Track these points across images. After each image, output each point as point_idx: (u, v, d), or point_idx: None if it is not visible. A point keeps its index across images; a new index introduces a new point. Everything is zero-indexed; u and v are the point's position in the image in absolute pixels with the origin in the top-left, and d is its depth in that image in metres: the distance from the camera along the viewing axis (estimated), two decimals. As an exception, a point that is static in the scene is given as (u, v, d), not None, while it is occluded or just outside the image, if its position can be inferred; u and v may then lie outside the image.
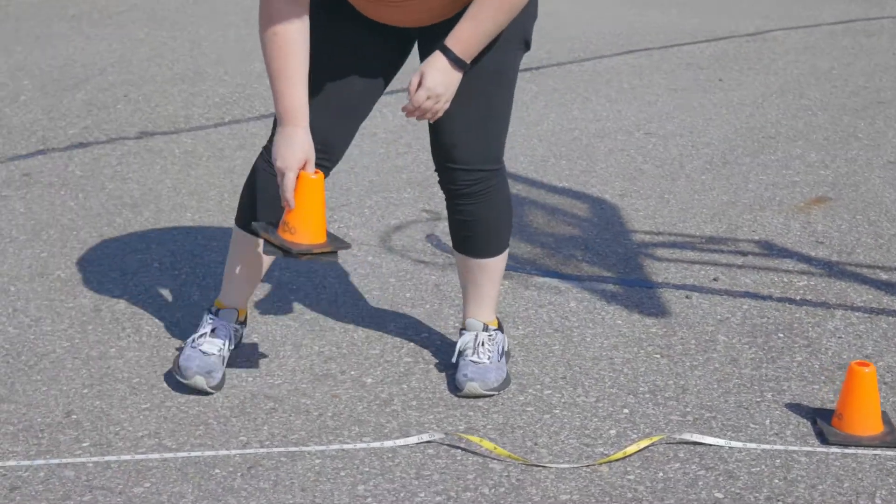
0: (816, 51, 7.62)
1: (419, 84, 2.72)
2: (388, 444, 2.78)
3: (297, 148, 2.69)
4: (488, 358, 3.03)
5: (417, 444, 2.78)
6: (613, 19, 8.68)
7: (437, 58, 2.73)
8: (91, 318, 3.46)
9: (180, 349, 3.12)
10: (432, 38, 2.82)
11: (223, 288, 3.14)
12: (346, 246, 2.78)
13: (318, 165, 2.78)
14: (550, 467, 2.69)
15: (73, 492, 2.59)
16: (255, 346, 3.28)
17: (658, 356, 3.24)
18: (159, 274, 3.81)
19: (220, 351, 3.06)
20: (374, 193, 4.60)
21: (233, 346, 3.14)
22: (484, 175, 2.95)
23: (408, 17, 2.81)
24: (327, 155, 2.88)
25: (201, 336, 3.07)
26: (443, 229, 4.20)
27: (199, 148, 5.20)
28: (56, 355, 3.23)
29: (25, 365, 3.17)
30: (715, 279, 3.77)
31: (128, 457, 2.73)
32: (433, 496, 2.58)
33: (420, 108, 2.73)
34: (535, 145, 5.35)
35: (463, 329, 3.13)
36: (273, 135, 2.76)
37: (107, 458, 2.73)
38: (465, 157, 2.92)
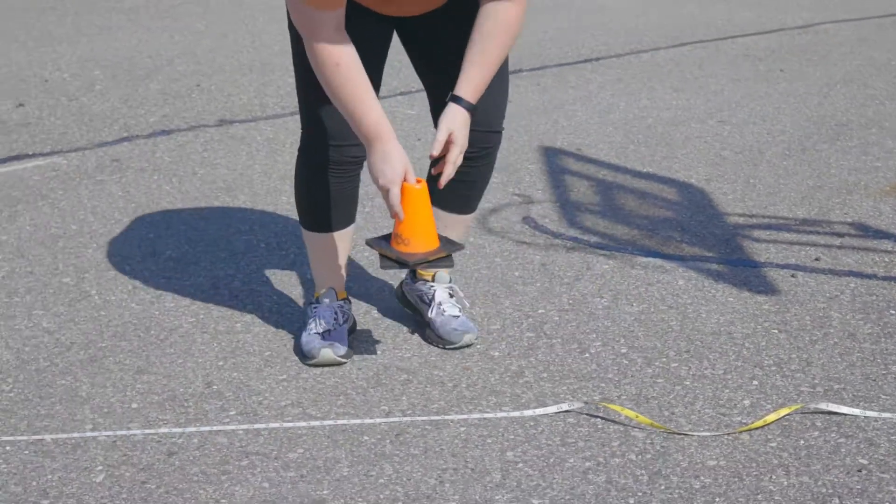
0: (870, 43, 7.66)
1: (449, 141, 2.80)
2: (529, 412, 2.84)
3: (395, 163, 2.75)
4: (460, 309, 3.19)
5: (557, 413, 2.83)
6: (663, 13, 8.74)
7: (458, 112, 2.82)
8: (210, 296, 3.52)
9: (299, 339, 3.15)
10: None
11: (315, 281, 3.19)
12: (460, 248, 2.88)
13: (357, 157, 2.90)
14: (692, 435, 2.74)
15: (230, 457, 2.65)
16: (378, 322, 3.33)
17: (776, 331, 3.29)
18: (268, 254, 3.86)
19: (334, 325, 3.11)
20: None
21: (345, 321, 3.17)
22: (498, 136, 3.10)
23: (412, 8, 2.89)
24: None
25: (311, 322, 3.12)
26: (537, 212, 4.25)
27: (280, 135, 5.26)
28: (184, 330, 3.29)
29: (156, 339, 3.23)
30: (817, 259, 3.82)
31: (276, 424, 2.79)
32: (582, 462, 2.63)
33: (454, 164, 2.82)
34: (611, 132, 5.40)
35: (430, 282, 3.22)
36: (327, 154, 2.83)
37: (256, 426, 2.78)
38: (488, 120, 3.02)
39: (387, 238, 2.87)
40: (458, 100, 2.83)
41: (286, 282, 3.63)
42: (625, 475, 2.58)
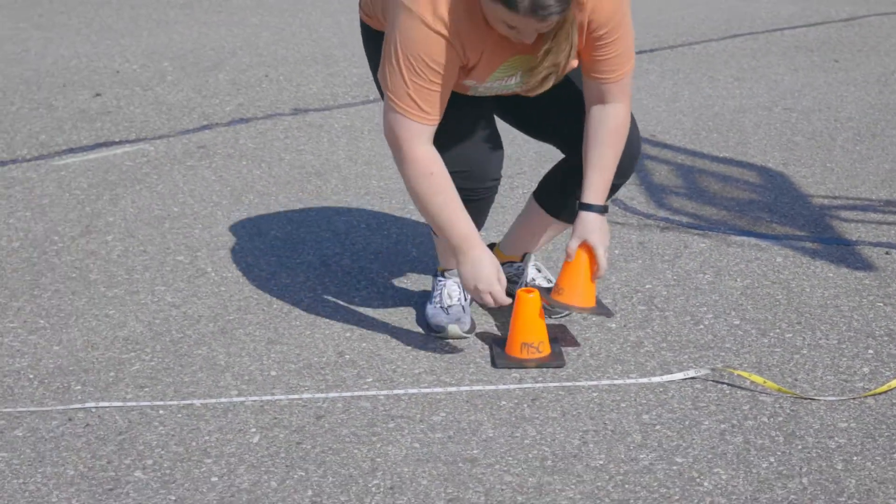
0: (918, 34, 7.74)
1: (588, 247, 2.97)
2: (656, 379, 2.93)
3: (489, 267, 2.87)
4: (549, 282, 3.31)
5: (684, 379, 2.93)
6: (709, 6, 8.82)
7: (592, 219, 2.97)
8: (323, 273, 3.62)
9: (425, 311, 3.24)
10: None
11: (440, 258, 3.28)
12: (609, 314, 3.10)
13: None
14: (819, 399, 2.83)
15: (376, 420, 2.75)
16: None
17: (881, 304, 3.38)
18: (370, 233, 3.96)
19: (459, 300, 3.20)
20: (545, 162, 4.73)
21: (469, 297, 3.27)
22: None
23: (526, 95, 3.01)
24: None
25: (437, 296, 3.22)
26: (623, 194, 4.34)
27: (356, 123, 5.36)
28: (305, 304, 3.38)
29: (280, 312, 3.33)
30: (907, 237, 3.91)
31: (414, 390, 2.88)
32: (717, 424, 2.72)
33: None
34: (681, 120, 5.49)
35: (518, 262, 3.36)
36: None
37: (395, 391, 2.88)
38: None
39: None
40: (588, 207, 2.98)
41: (393, 260, 3.73)
42: (760, 436, 2.67)
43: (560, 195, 3.13)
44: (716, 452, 2.60)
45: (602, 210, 2.99)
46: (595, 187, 2.98)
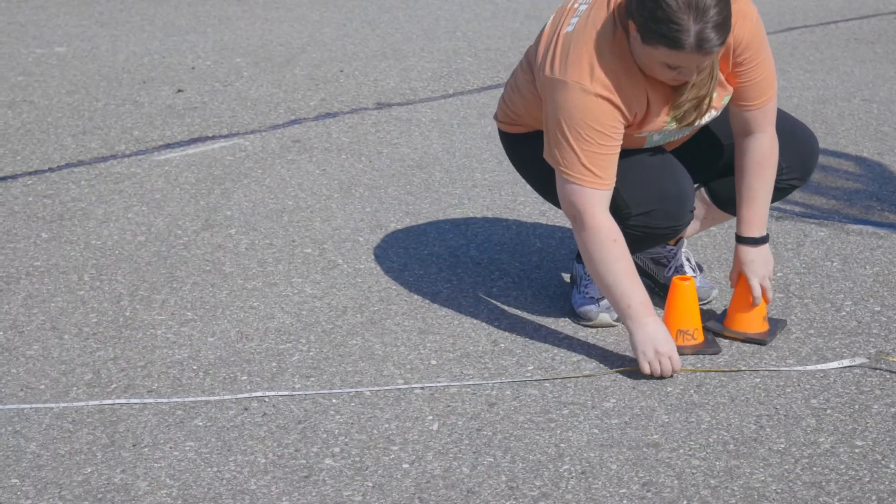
0: (974, 25, 7.77)
1: (753, 283, 3.07)
2: (810, 367, 2.96)
3: (666, 332, 2.89)
4: (694, 270, 3.40)
5: (839, 368, 2.96)
6: (757, 1, 8.83)
7: (745, 252, 3.06)
8: (454, 264, 3.65)
9: (572, 300, 3.28)
10: None
11: None
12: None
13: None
14: (981, 383, 2.86)
15: (549, 406, 2.78)
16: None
17: None
18: (489, 225, 3.99)
19: None
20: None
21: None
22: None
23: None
24: None
25: (584, 286, 3.25)
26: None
27: (443, 117, 5.39)
28: (446, 294, 3.42)
29: (423, 303, 3.36)
30: None
31: (578, 377, 2.92)
32: (886, 407, 2.76)
33: (769, 290, 3.09)
34: (764, 111, 5.51)
35: (671, 246, 3.39)
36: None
37: (559, 378, 2.91)
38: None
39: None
40: (742, 240, 3.06)
41: (519, 251, 3.76)
42: (933, 419, 2.70)
43: (728, 186, 3.14)
44: (893, 435, 2.63)
45: (756, 242, 3.04)
46: (747, 220, 3.05)
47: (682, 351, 2.99)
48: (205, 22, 7.55)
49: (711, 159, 3.16)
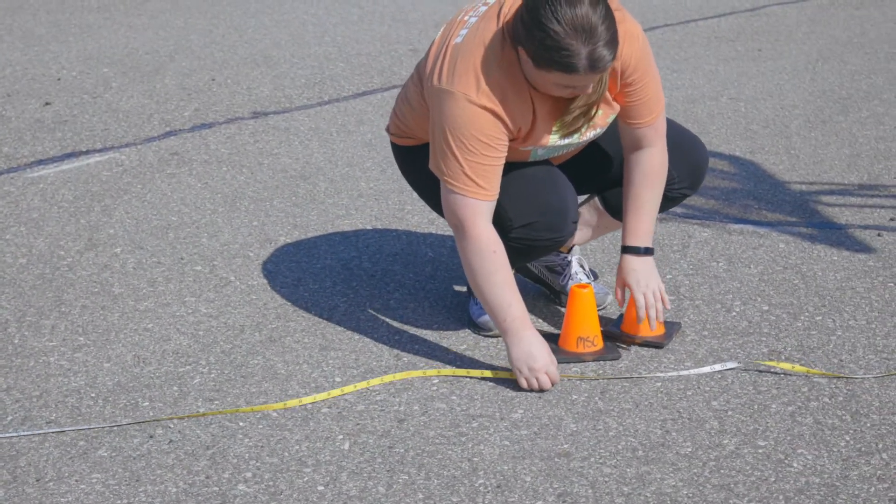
0: (823, 23, 8.04)
1: (637, 294, 3.08)
2: (706, 369, 3.03)
3: (545, 347, 2.91)
4: (588, 277, 3.44)
5: (724, 370, 3.04)
6: (623, -2, 9.00)
7: (630, 261, 3.10)
8: (348, 277, 3.64)
9: (469, 311, 3.29)
10: None
11: None
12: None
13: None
14: (868, 377, 2.97)
15: (458, 420, 2.79)
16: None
17: (892, 284, 3.55)
18: (379, 236, 3.99)
19: None
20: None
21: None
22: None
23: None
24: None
25: None
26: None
27: (321, 125, 5.36)
28: (343, 309, 3.40)
29: (322, 318, 3.34)
30: (892, 219, 4.10)
31: (486, 389, 2.93)
32: (784, 406, 2.84)
33: (652, 307, 3.07)
34: (636, 112, 5.62)
35: (564, 253, 3.43)
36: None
37: (466, 390, 2.92)
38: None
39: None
40: (626, 249, 3.09)
41: (412, 261, 3.76)
42: (829, 416, 2.79)
43: (620, 195, 3.18)
44: (793, 434, 2.71)
45: (640, 252, 3.08)
46: (632, 231, 3.09)
47: (582, 358, 3.03)
48: (66, 31, 7.36)
49: (603, 169, 3.21)
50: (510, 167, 2.94)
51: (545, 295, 3.47)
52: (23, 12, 7.92)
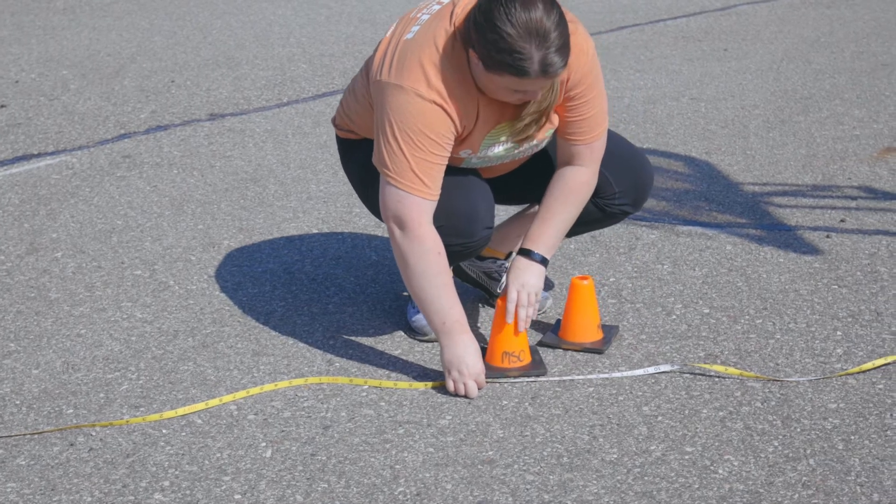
0: (792, 22, 8.03)
1: (510, 290, 3.00)
2: (651, 370, 3.00)
3: (478, 354, 2.89)
4: None
5: (669, 371, 3.01)
6: (593, -2, 8.97)
7: (517, 261, 3.02)
8: (288, 280, 3.60)
9: (406, 315, 3.26)
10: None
11: None
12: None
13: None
14: (803, 381, 2.94)
15: (384, 427, 2.75)
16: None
17: (836, 287, 3.52)
18: (324, 239, 3.95)
19: None
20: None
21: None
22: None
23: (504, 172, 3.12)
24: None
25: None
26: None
27: (277, 127, 5.32)
28: (280, 314, 3.37)
29: (257, 323, 3.31)
30: (842, 220, 4.07)
31: (414, 395, 2.90)
32: (715, 411, 2.81)
33: (523, 307, 2.98)
34: (596, 113, 5.59)
35: (501, 259, 3.40)
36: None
37: (394, 397, 2.89)
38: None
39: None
40: (523, 252, 3.01)
41: (355, 264, 3.73)
42: (759, 421, 2.76)
43: None
44: (721, 440, 2.68)
45: (531, 255, 3.00)
46: (532, 236, 3.02)
47: (507, 373, 2.99)
48: (29, 33, 7.32)
49: (543, 180, 3.17)
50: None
51: (484, 299, 3.44)
52: (2, 16, 7.88)
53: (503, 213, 3.83)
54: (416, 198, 2.78)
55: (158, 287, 3.55)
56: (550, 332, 3.19)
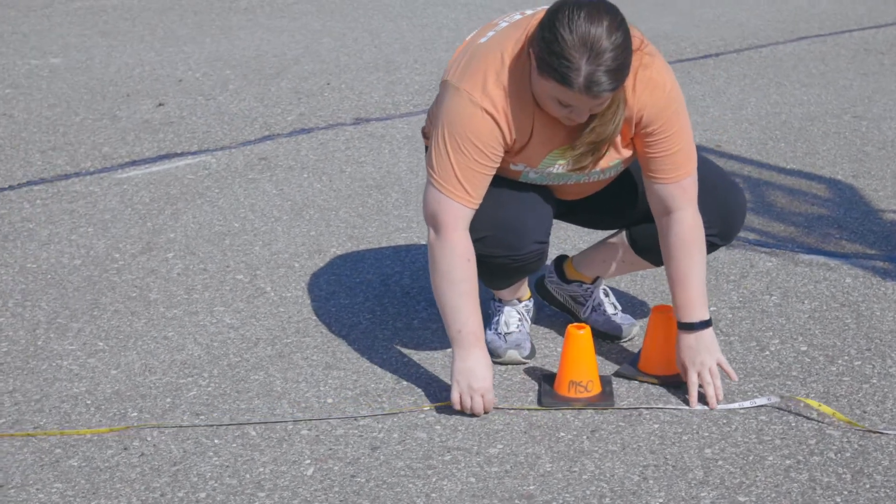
0: None
1: (689, 373, 2.89)
2: (722, 406, 2.86)
3: (489, 370, 2.82)
4: (615, 307, 3.30)
5: (751, 408, 2.85)
6: (773, 7, 8.67)
7: (682, 338, 2.89)
8: (382, 293, 3.59)
9: (486, 331, 3.20)
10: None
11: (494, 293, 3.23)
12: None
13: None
14: (889, 433, 2.74)
15: (432, 452, 2.71)
16: (542, 321, 3.38)
17: (954, 329, 3.28)
18: (429, 251, 3.91)
19: (518, 327, 3.16)
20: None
21: (529, 319, 3.23)
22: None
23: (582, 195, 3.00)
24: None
25: (495, 322, 3.17)
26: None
27: (417, 133, 5.32)
28: (364, 326, 3.35)
29: (339, 335, 3.30)
30: (982, 257, 3.79)
31: (472, 420, 2.84)
32: (782, 459, 2.65)
33: (709, 384, 2.88)
34: (747, 128, 5.39)
35: (588, 284, 3.28)
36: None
37: (452, 420, 2.84)
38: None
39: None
40: (684, 326, 2.89)
41: (453, 279, 3.68)
42: (827, 473, 2.59)
43: (650, 236, 3.02)
44: (780, 491, 2.53)
45: (692, 327, 2.88)
46: (681, 305, 2.89)
47: (571, 403, 2.89)
48: (206, 32, 7.55)
49: (626, 206, 3.06)
50: (494, 182, 2.85)
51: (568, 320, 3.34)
52: (171, 13, 8.16)
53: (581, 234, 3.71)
54: (455, 203, 2.74)
55: (255, 293, 3.59)
56: (628, 364, 3.08)
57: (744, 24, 8.03)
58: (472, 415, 2.86)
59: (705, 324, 2.89)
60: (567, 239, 3.96)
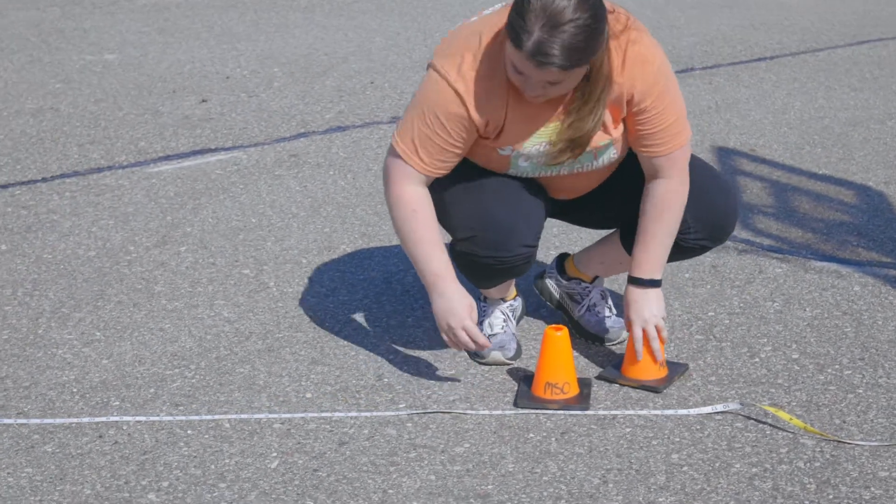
0: None
1: (634, 327, 2.94)
2: (695, 411, 2.83)
3: (464, 301, 2.83)
4: (610, 310, 3.28)
5: (724, 413, 2.82)
6: (842, 10, 8.52)
7: (630, 292, 2.93)
8: (382, 290, 3.61)
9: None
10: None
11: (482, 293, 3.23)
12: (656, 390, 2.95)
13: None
14: (864, 444, 2.69)
15: (398, 448, 2.72)
16: (533, 318, 3.36)
17: (955, 341, 3.20)
18: (438, 250, 3.92)
19: (503, 328, 3.15)
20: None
21: (515, 319, 3.22)
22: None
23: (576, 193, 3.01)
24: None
25: (481, 322, 3.17)
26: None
27: (452, 132, 5.32)
28: (357, 323, 3.37)
29: (331, 331, 3.32)
30: None
31: (444, 418, 2.84)
32: (748, 467, 2.61)
33: (653, 339, 2.92)
34: (786, 133, 5.31)
35: (587, 283, 3.27)
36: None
37: (424, 418, 2.84)
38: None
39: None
40: (631, 280, 2.93)
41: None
42: (792, 483, 2.55)
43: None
44: (740, 499, 2.49)
45: (643, 283, 2.92)
46: (637, 261, 2.94)
47: (546, 405, 2.88)
48: (262, 29, 7.64)
49: (619, 205, 3.03)
50: (485, 174, 2.86)
51: (564, 322, 3.32)
52: (232, 11, 8.27)
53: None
54: (404, 163, 2.80)
55: (257, 287, 3.63)
56: (611, 366, 3.06)
57: (807, 27, 7.91)
58: (476, 355, 3.06)
59: (654, 283, 2.93)
60: (578, 241, 3.94)
